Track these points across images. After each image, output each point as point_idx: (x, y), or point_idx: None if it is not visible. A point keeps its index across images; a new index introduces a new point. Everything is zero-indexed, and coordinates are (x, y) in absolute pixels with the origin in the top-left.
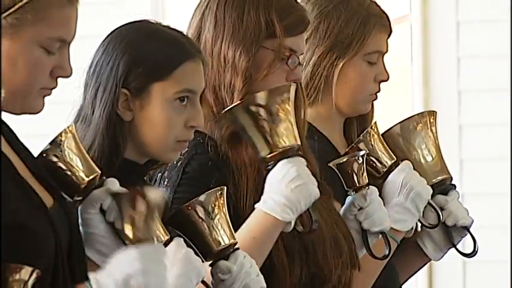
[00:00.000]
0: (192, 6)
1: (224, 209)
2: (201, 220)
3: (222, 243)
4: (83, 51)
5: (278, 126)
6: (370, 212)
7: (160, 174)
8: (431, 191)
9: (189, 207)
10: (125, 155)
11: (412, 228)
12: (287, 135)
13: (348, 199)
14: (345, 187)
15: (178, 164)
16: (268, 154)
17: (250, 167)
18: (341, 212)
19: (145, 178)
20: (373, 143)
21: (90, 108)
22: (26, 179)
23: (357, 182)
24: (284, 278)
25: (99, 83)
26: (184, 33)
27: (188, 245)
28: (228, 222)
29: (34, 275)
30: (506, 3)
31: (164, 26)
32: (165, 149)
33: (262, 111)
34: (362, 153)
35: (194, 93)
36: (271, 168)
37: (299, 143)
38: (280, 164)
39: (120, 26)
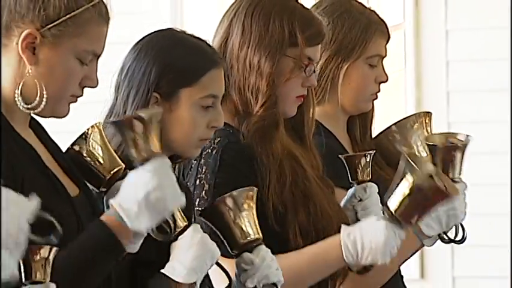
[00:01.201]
0: (208, 16)
1: (253, 208)
2: (230, 214)
3: (248, 237)
4: (110, 57)
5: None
6: (368, 204)
7: (196, 162)
8: (463, 216)
9: (222, 202)
10: None
11: (432, 238)
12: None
13: (350, 190)
14: (350, 179)
15: (214, 152)
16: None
17: (273, 159)
18: (342, 202)
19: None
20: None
21: (122, 108)
22: (52, 170)
23: (360, 175)
24: None
25: (131, 86)
26: (208, 41)
27: (218, 238)
28: (255, 220)
29: (53, 251)
30: (490, 13)
31: (189, 34)
32: (189, 146)
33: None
34: (372, 152)
35: (217, 98)
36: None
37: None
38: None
39: (150, 34)
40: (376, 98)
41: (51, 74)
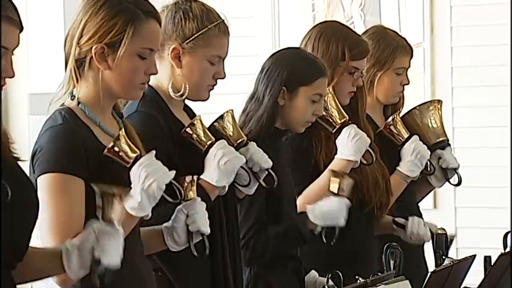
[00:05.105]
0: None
1: None
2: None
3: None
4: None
5: (332, 111)
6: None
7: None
8: (430, 153)
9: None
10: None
11: (417, 176)
12: (339, 115)
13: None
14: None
15: None
16: (333, 129)
17: (324, 135)
18: None
19: (282, 138)
20: (396, 124)
21: (262, 94)
22: None
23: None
24: None
25: (269, 80)
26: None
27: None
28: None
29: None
30: (483, 34)
31: (309, 53)
32: (298, 125)
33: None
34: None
35: (322, 96)
36: (338, 137)
37: (347, 116)
38: (343, 131)
39: (284, 49)
40: (402, 94)
41: (191, 72)
